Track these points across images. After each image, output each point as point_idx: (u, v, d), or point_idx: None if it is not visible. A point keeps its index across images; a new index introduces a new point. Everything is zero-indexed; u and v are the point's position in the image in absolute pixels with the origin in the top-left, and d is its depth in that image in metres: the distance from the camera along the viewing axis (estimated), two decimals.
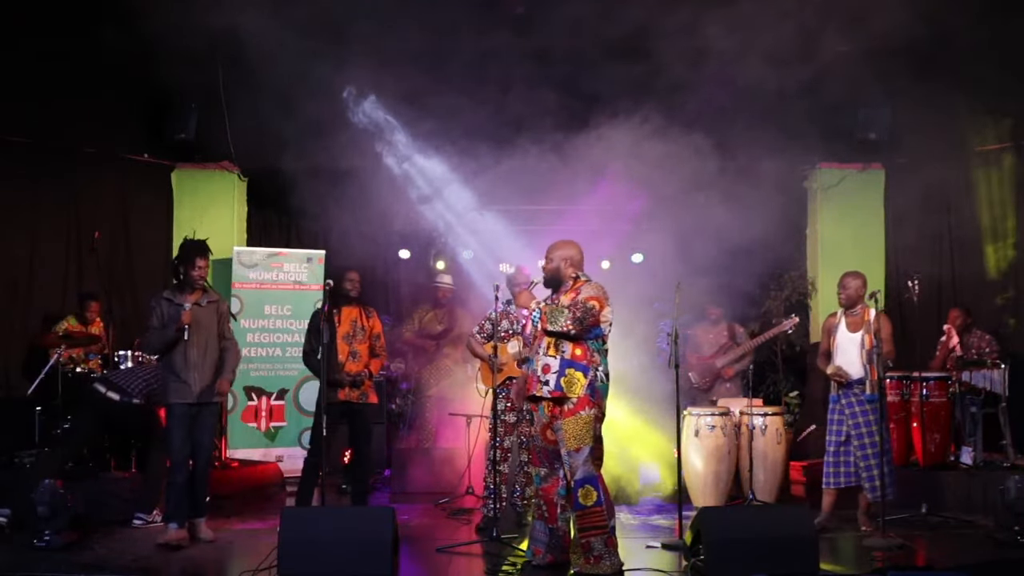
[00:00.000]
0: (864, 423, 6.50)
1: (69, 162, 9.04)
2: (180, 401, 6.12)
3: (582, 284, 5.53)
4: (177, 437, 6.12)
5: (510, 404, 6.83)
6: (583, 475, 5.33)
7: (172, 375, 6.14)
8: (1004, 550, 5.98)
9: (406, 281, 10.53)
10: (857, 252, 9.35)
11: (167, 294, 6.24)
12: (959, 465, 7.55)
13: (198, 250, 6.25)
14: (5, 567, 5.46)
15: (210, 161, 9.65)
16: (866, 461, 6.48)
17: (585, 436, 5.34)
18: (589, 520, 5.32)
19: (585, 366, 5.38)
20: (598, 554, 5.30)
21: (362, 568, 5.01)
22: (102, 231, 8.68)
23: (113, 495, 7.05)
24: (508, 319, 7.08)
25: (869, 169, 9.76)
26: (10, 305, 8.63)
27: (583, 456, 5.33)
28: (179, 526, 6.09)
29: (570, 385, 5.36)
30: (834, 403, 6.71)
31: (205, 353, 6.20)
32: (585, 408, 5.34)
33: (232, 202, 9.86)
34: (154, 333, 6.17)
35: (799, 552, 5.19)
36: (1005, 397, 7.62)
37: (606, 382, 5.46)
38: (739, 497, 7.72)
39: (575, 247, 5.65)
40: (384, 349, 7.05)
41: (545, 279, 5.66)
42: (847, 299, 6.70)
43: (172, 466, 6.16)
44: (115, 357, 7.95)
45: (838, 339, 6.71)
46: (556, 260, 5.60)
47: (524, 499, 6.90)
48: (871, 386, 6.46)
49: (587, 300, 5.38)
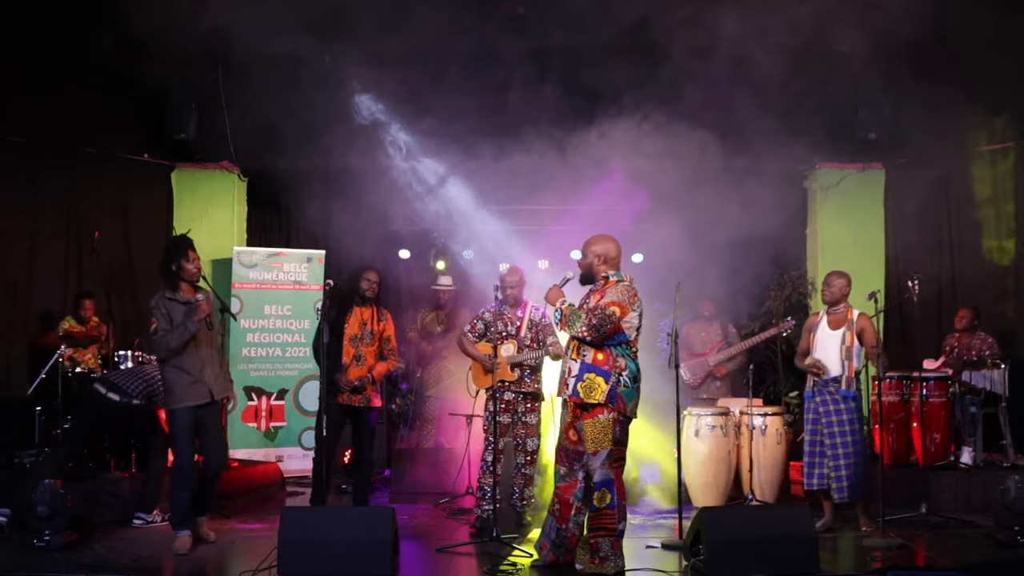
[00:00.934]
0: (837, 421, 6.51)
1: (69, 162, 9.04)
2: (193, 403, 5.90)
3: (611, 285, 5.43)
4: (186, 445, 5.97)
5: (504, 406, 6.80)
6: (601, 478, 5.33)
7: (185, 376, 5.90)
8: (1004, 550, 5.98)
9: (406, 281, 10.52)
10: (857, 252, 9.35)
11: (168, 294, 5.97)
12: (959, 465, 7.54)
13: (188, 242, 6.03)
14: (5, 567, 5.46)
15: (210, 161, 9.65)
16: (836, 460, 6.49)
17: (603, 439, 5.31)
18: (600, 521, 5.34)
19: (607, 371, 5.31)
20: (604, 555, 5.31)
21: (362, 568, 5.01)
22: (102, 231, 8.68)
23: (113, 495, 7.04)
24: (502, 320, 6.94)
25: (869, 169, 9.76)
26: (10, 305, 8.63)
27: (601, 459, 5.32)
28: (190, 532, 5.99)
29: (589, 390, 5.31)
30: (808, 400, 6.73)
31: (213, 348, 6.06)
32: (604, 412, 5.30)
33: (232, 202, 9.86)
34: (173, 332, 5.84)
35: (799, 552, 5.19)
36: (1005, 397, 7.62)
37: (631, 386, 5.35)
38: (739, 497, 7.72)
39: (611, 243, 5.55)
40: (394, 352, 6.86)
41: (581, 275, 5.59)
42: (831, 297, 6.70)
43: (180, 475, 5.99)
44: (115, 357, 7.95)
45: (818, 335, 6.71)
46: (590, 256, 5.53)
47: (523, 499, 6.90)
48: (847, 382, 6.50)
49: (608, 305, 5.28)
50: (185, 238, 6.10)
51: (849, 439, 6.47)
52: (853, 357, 6.52)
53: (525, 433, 6.83)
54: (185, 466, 5.99)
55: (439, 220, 10.09)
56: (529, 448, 6.84)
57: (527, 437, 6.83)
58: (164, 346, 5.86)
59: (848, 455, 6.45)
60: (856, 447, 6.48)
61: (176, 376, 5.91)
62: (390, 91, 8.41)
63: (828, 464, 6.54)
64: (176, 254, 5.96)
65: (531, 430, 6.85)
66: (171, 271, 5.96)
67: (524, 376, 6.83)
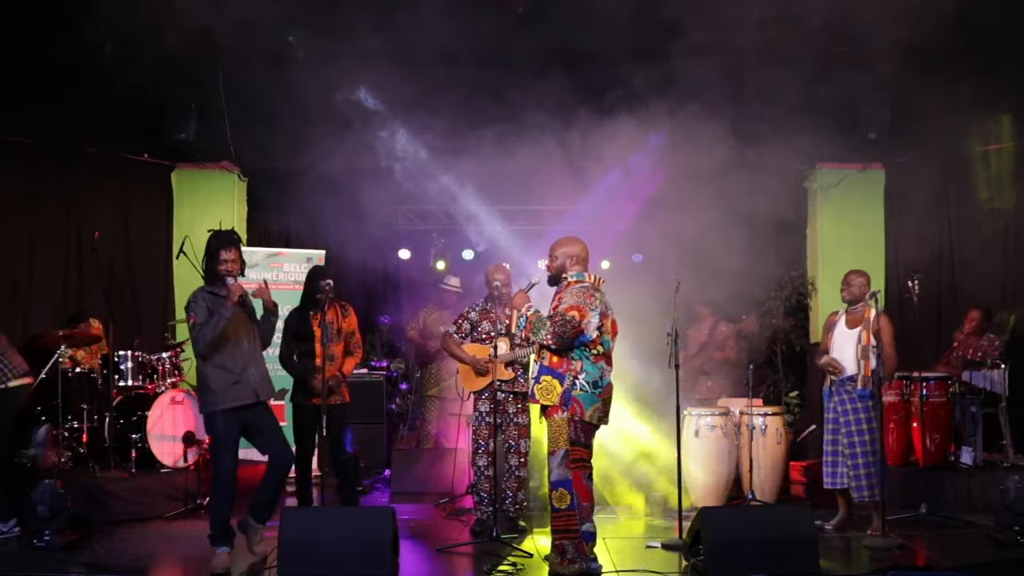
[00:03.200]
0: (855, 420, 6.48)
1: (69, 162, 9.03)
2: (234, 405, 5.57)
3: (568, 287, 5.42)
4: (225, 453, 5.61)
5: (494, 406, 6.72)
6: (557, 477, 5.31)
7: (226, 374, 5.57)
8: (1004, 550, 5.98)
9: (406, 281, 10.53)
10: (857, 252, 9.34)
11: (207, 288, 5.66)
12: (959, 465, 7.55)
13: (221, 241, 5.69)
14: (5, 567, 5.46)
15: (210, 161, 9.64)
16: (854, 460, 6.46)
17: (558, 439, 5.30)
18: (561, 523, 5.31)
19: (561, 374, 5.30)
20: (570, 557, 5.29)
21: (362, 568, 5.01)
22: (102, 231, 8.67)
23: (113, 495, 7.05)
24: (489, 319, 6.83)
25: (869, 169, 9.75)
26: (10, 305, 8.63)
27: (557, 459, 5.31)
28: (229, 550, 5.63)
29: (546, 392, 5.33)
30: (827, 399, 6.70)
31: (254, 343, 5.74)
32: (559, 412, 5.30)
33: (232, 202, 9.85)
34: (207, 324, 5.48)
35: (799, 552, 5.20)
36: (1005, 397, 7.62)
37: (589, 391, 5.29)
38: (739, 497, 7.72)
39: (578, 244, 5.56)
40: (359, 345, 6.80)
41: (549, 277, 5.59)
42: (850, 296, 6.68)
43: (219, 486, 5.64)
44: (115, 357, 7.96)
45: (835, 334, 6.70)
46: (560, 257, 5.53)
47: (516, 504, 6.83)
48: (863, 381, 6.46)
49: (566, 311, 5.25)
50: (227, 232, 5.81)
51: (867, 438, 6.42)
52: (870, 356, 6.45)
53: (518, 434, 6.73)
54: (225, 477, 5.61)
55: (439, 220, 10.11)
56: (522, 450, 6.75)
57: (520, 439, 6.74)
58: (202, 339, 5.49)
59: (865, 454, 6.40)
60: (873, 446, 6.43)
61: (216, 375, 5.57)
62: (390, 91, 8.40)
63: (847, 464, 6.51)
64: (216, 246, 5.68)
65: (523, 431, 6.77)
66: (211, 265, 5.68)
67: (519, 376, 6.75)
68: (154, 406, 7.73)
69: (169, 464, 7.71)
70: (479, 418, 6.74)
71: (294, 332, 6.60)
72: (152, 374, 8.04)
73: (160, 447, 7.70)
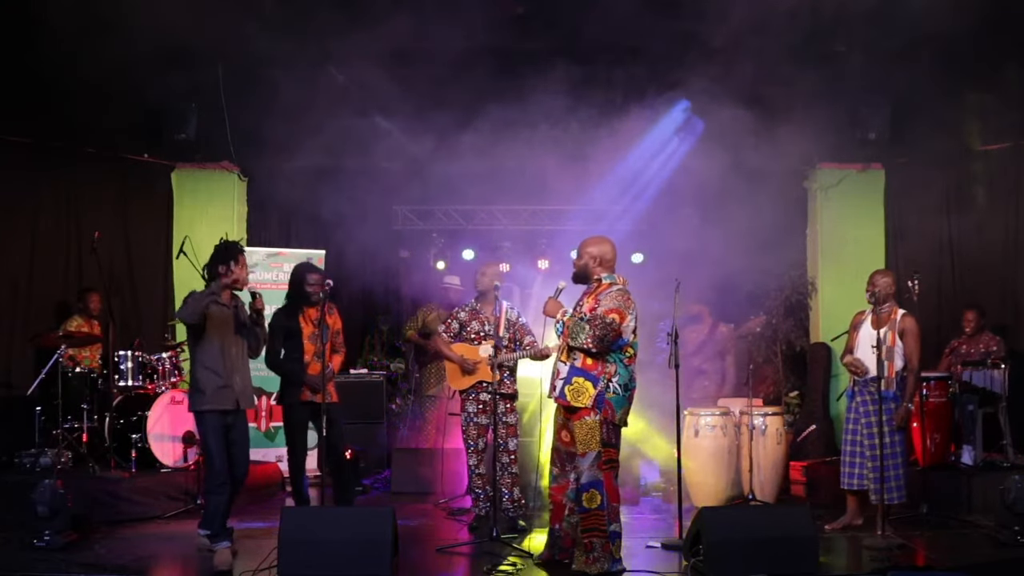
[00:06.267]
0: (877, 422, 6.39)
1: (69, 162, 9.04)
2: (216, 408, 5.71)
3: (604, 289, 5.40)
4: (217, 447, 5.69)
5: (481, 407, 6.79)
6: (588, 479, 5.33)
7: (215, 378, 5.71)
8: (1004, 550, 5.97)
9: (406, 281, 10.53)
10: (857, 252, 9.34)
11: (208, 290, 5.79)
12: (959, 465, 7.54)
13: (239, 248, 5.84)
14: (5, 567, 5.46)
15: (210, 161, 9.64)
16: (874, 462, 6.42)
17: (591, 441, 5.31)
18: (591, 522, 5.34)
19: (595, 376, 5.30)
20: (596, 556, 5.32)
21: (362, 568, 5.02)
22: (102, 231, 8.68)
23: (113, 495, 7.05)
24: (478, 320, 6.91)
25: (869, 169, 9.75)
26: (10, 305, 8.63)
27: (588, 460, 5.32)
28: (230, 544, 5.71)
29: (577, 394, 5.31)
30: (850, 400, 6.67)
31: (241, 353, 5.88)
32: (591, 415, 5.30)
33: (232, 202, 9.85)
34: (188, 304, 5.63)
35: (799, 552, 5.20)
36: (1005, 397, 7.61)
37: (621, 393, 5.32)
38: (739, 497, 7.72)
39: (607, 244, 5.51)
40: (343, 345, 6.91)
41: (574, 275, 5.58)
42: (875, 296, 6.63)
43: (214, 480, 5.72)
44: (115, 357, 7.96)
45: (860, 334, 6.64)
46: (585, 257, 5.49)
47: (513, 502, 6.85)
48: (887, 383, 6.40)
49: (607, 314, 5.24)
50: (237, 244, 5.90)
51: (888, 440, 6.35)
52: (895, 357, 6.41)
53: (506, 433, 6.82)
54: (218, 470, 5.70)
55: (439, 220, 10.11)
56: (511, 447, 6.85)
57: (508, 437, 6.83)
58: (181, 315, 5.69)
59: (887, 456, 6.32)
60: (896, 448, 6.39)
61: (206, 377, 5.72)
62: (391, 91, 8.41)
63: (867, 465, 6.48)
64: (226, 256, 5.79)
65: (511, 430, 6.86)
66: (217, 273, 5.79)
67: (504, 378, 6.82)
68: (154, 406, 7.73)
69: (169, 464, 7.71)
70: (467, 418, 6.86)
71: (283, 331, 6.60)
72: (152, 374, 8.04)
73: (160, 447, 7.70)
